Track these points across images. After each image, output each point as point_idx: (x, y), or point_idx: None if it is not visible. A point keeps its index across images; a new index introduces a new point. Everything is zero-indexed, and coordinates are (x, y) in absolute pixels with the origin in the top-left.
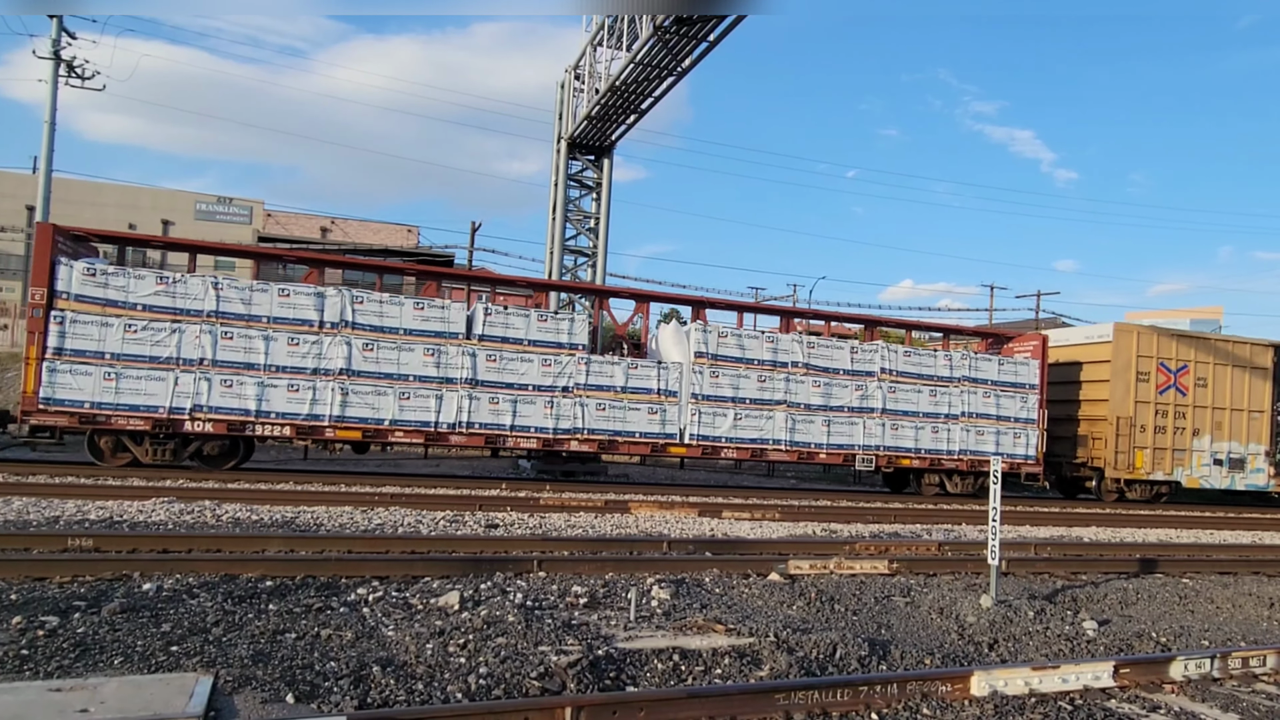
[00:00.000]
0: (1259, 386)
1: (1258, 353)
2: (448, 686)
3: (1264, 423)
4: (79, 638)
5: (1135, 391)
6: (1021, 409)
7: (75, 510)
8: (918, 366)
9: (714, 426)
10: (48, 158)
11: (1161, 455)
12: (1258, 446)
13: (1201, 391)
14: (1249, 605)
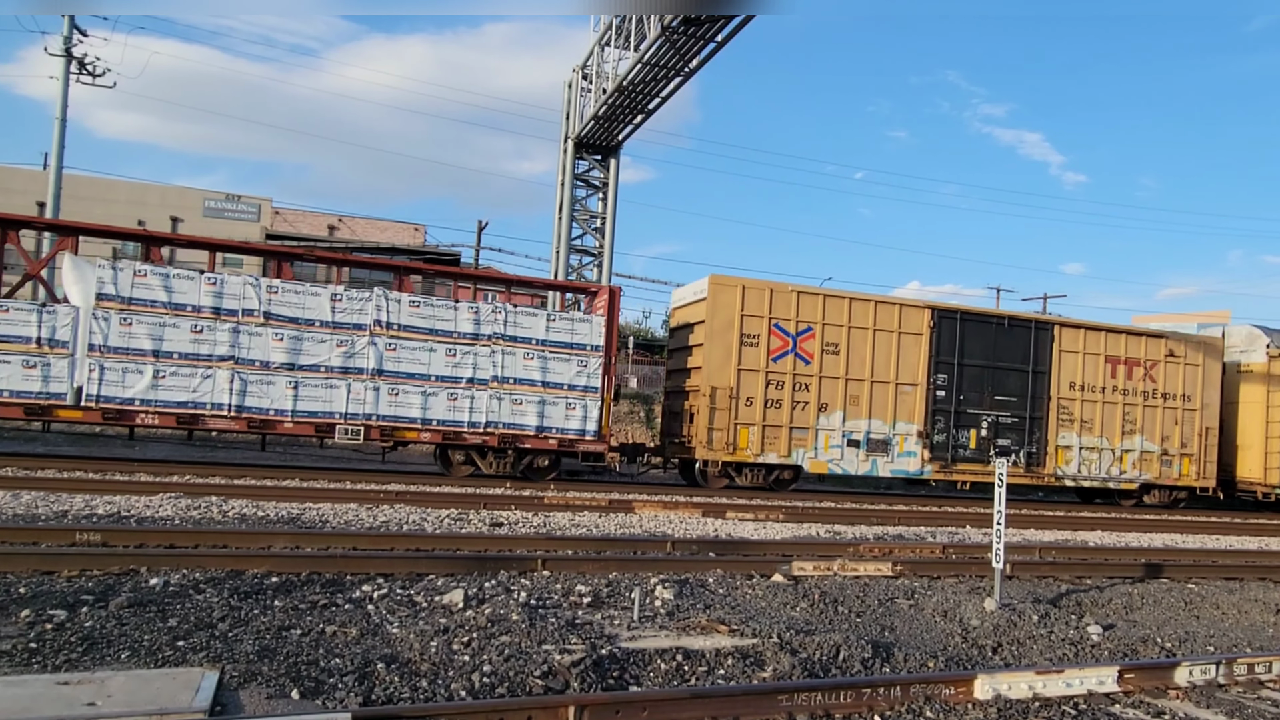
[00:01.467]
0: (912, 355)
1: (910, 315)
2: (452, 684)
3: (917, 398)
4: (86, 632)
5: (739, 357)
6: (579, 374)
7: (83, 505)
8: (431, 320)
9: (124, 386)
10: (58, 154)
11: (775, 434)
12: (909, 425)
13: (833, 359)
14: (1255, 611)
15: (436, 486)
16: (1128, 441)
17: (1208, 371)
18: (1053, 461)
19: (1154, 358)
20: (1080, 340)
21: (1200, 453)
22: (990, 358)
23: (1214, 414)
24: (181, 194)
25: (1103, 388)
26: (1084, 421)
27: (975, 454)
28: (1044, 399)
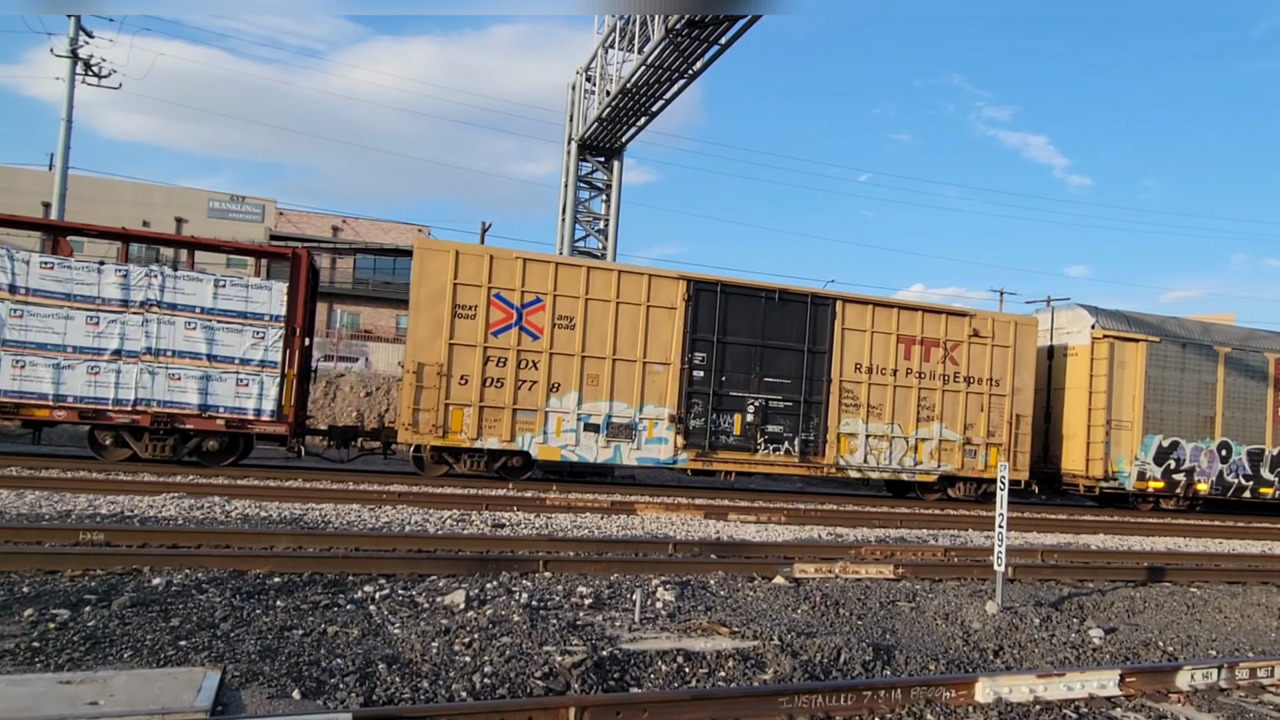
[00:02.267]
0: (664, 331)
1: (662, 287)
2: (453, 685)
3: (670, 379)
4: (89, 631)
5: (451, 331)
6: (254, 347)
7: (87, 504)
8: (68, 284)
9: None
10: (64, 155)
11: (496, 417)
12: (659, 409)
13: (567, 335)
14: (1257, 615)
15: (439, 488)
16: (924, 429)
17: (1020, 354)
18: (834, 450)
19: (956, 338)
20: (868, 317)
21: (1010, 442)
22: (760, 335)
23: (1027, 400)
24: (186, 195)
25: (895, 370)
26: (872, 407)
27: (740, 441)
28: (824, 381)
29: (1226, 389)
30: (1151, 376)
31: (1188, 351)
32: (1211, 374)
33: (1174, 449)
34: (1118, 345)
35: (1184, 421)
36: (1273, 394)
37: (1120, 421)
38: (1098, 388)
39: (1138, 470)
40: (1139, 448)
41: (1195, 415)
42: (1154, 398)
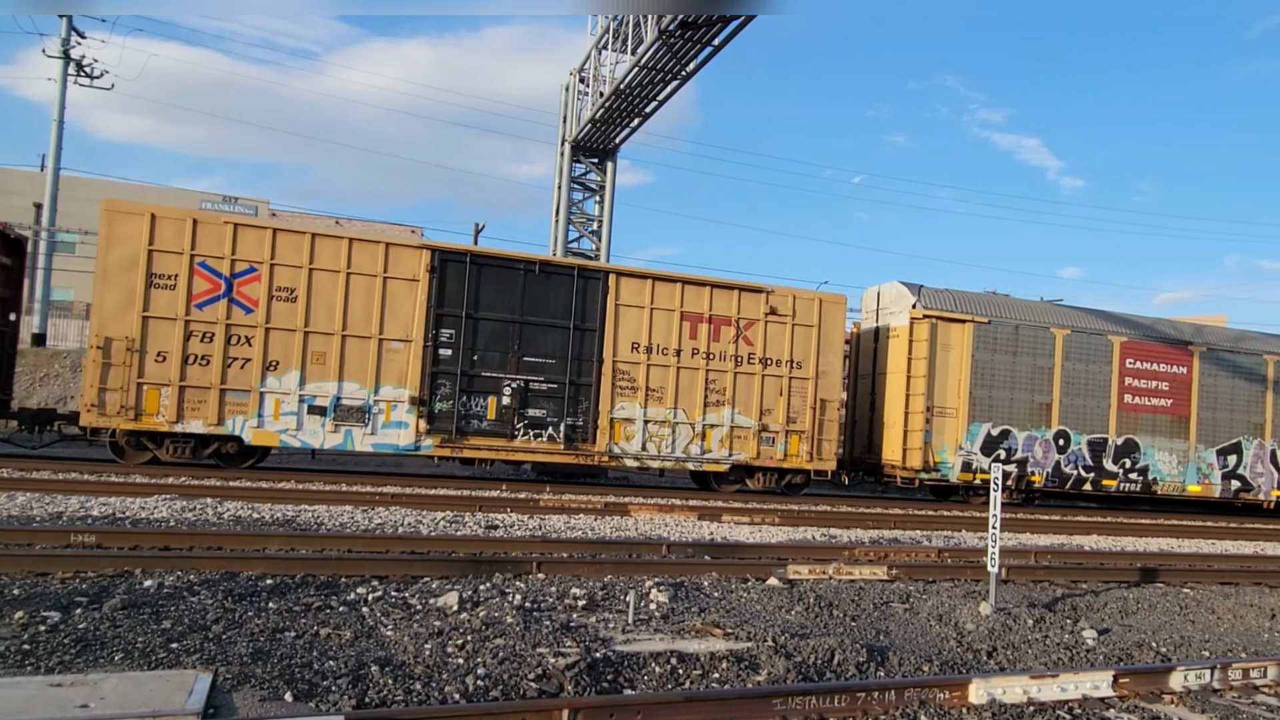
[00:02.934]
0: (404, 306)
1: (401, 257)
2: (445, 687)
3: (411, 357)
4: (80, 633)
5: (146, 302)
6: None
7: (78, 506)
8: None
9: None
10: (56, 156)
11: (201, 398)
12: (398, 390)
13: (287, 308)
14: (1250, 616)
15: (432, 489)
16: (713, 415)
17: (826, 333)
18: (606, 437)
19: (751, 316)
20: (647, 293)
21: (814, 430)
22: (519, 311)
23: (834, 384)
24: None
25: (679, 350)
26: (652, 390)
27: (495, 426)
28: (595, 362)
29: (1065, 374)
30: (980, 360)
31: (1021, 333)
32: (1048, 358)
33: (1004, 438)
34: (940, 325)
35: (1017, 408)
36: (1117, 380)
37: (944, 408)
38: (917, 371)
39: (962, 461)
40: (964, 436)
41: (1030, 402)
42: (982, 383)
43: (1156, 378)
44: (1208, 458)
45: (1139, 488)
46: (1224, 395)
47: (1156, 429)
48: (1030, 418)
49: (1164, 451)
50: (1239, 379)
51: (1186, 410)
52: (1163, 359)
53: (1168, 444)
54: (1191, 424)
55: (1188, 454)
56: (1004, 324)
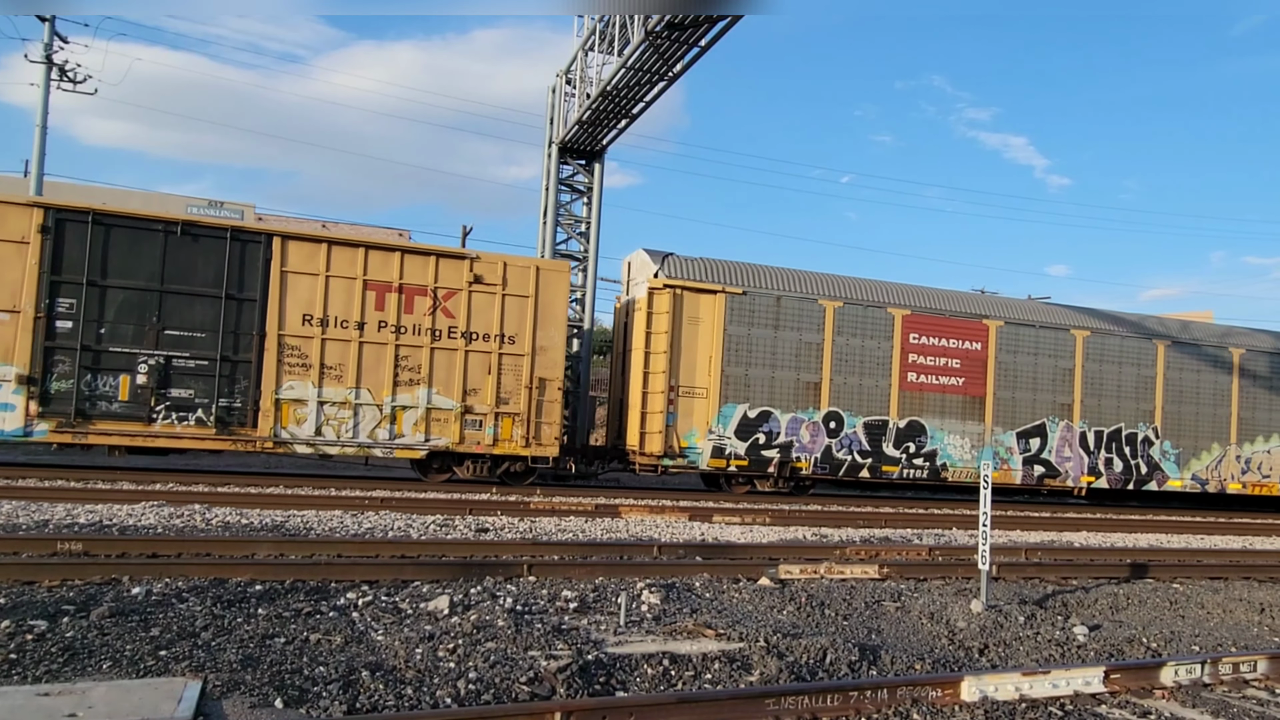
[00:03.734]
0: (11, 271)
1: (5, 217)
2: (437, 691)
3: (19, 331)
4: (67, 642)
5: None
6: None
7: (65, 514)
8: None
9: None
10: (39, 161)
11: None
12: (4, 367)
13: None
14: (1239, 610)
15: (422, 493)
16: (405, 395)
17: (546, 305)
18: (271, 420)
19: (452, 285)
20: (321, 258)
21: (530, 412)
22: (158, 279)
23: (555, 361)
24: (164, 201)
25: (362, 323)
26: (329, 368)
27: (129, 409)
28: (256, 336)
29: (838, 350)
30: (734, 334)
31: (784, 305)
32: (817, 333)
33: (764, 420)
34: (687, 296)
35: (780, 388)
36: (900, 357)
37: (692, 388)
38: (657, 347)
39: (713, 445)
40: (715, 419)
41: (795, 381)
42: (738, 360)
43: (946, 354)
44: (1006, 441)
45: (926, 474)
46: (1026, 373)
47: (947, 410)
48: (796, 398)
49: (955, 435)
50: (1043, 356)
51: (982, 390)
52: (954, 334)
53: (960, 426)
54: (988, 405)
55: (983, 437)
56: (763, 295)
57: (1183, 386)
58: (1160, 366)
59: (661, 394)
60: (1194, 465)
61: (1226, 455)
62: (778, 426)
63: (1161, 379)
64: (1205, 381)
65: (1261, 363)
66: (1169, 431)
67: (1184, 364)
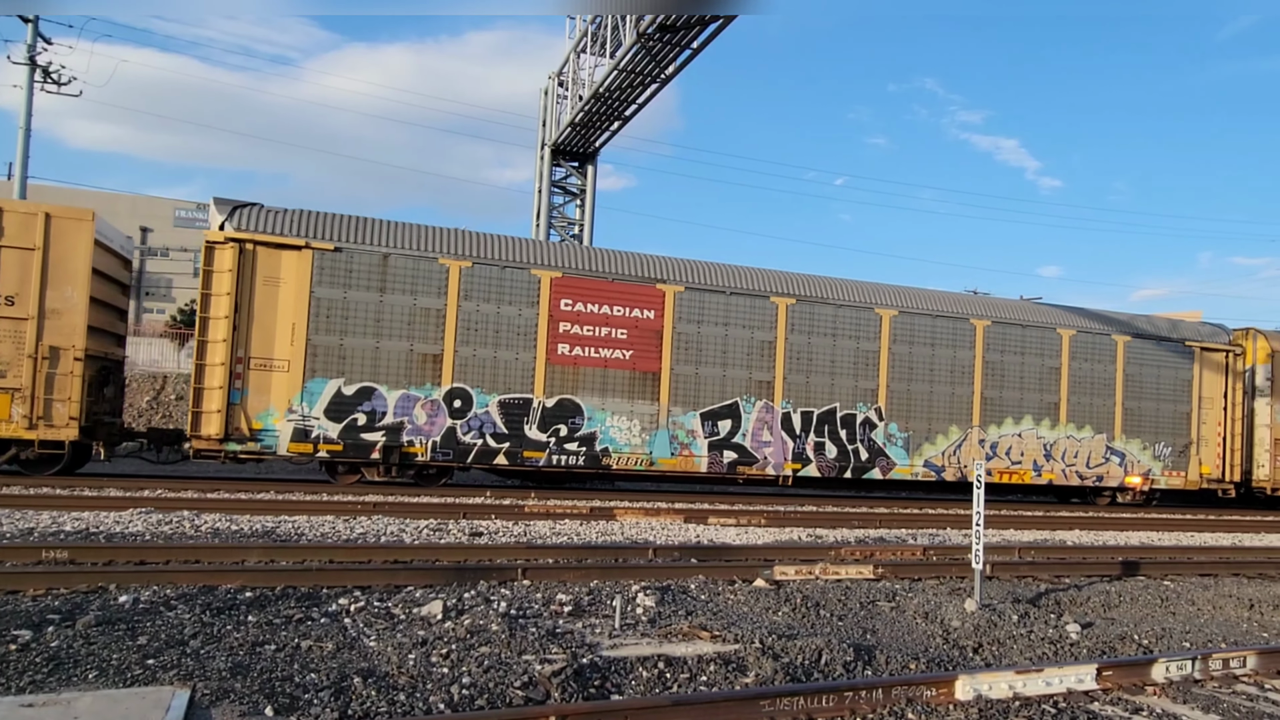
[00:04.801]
0: None
1: None
2: (430, 697)
3: None
4: (53, 652)
5: None
6: None
7: (50, 521)
8: None
9: None
10: (23, 164)
11: None
12: None
13: None
14: (1229, 606)
15: (415, 497)
16: None
17: (60, 261)
18: None
19: None
20: None
21: (36, 386)
22: None
23: (73, 327)
24: (151, 204)
25: None
26: None
27: None
28: None
29: (463, 317)
30: (325, 298)
31: (394, 265)
32: (438, 298)
33: (365, 398)
34: (261, 253)
35: (387, 362)
36: (547, 325)
37: (269, 360)
38: (216, 311)
39: (295, 427)
40: (299, 396)
41: (407, 352)
42: (330, 327)
43: (610, 323)
44: (687, 423)
45: (583, 460)
46: (713, 346)
47: (610, 388)
48: (410, 373)
49: (620, 416)
50: (735, 326)
51: (656, 364)
52: (620, 300)
53: (627, 406)
54: (663, 381)
55: (657, 419)
56: (365, 252)
57: (913, 362)
58: (885, 339)
59: (221, 366)
60: (927, 450)
61: (968, 439)
62: (384, 405)
63: (886, 353)
64: (941, 357)
65: (1013, 336)
66: (896, 413)
67: (914, 337)
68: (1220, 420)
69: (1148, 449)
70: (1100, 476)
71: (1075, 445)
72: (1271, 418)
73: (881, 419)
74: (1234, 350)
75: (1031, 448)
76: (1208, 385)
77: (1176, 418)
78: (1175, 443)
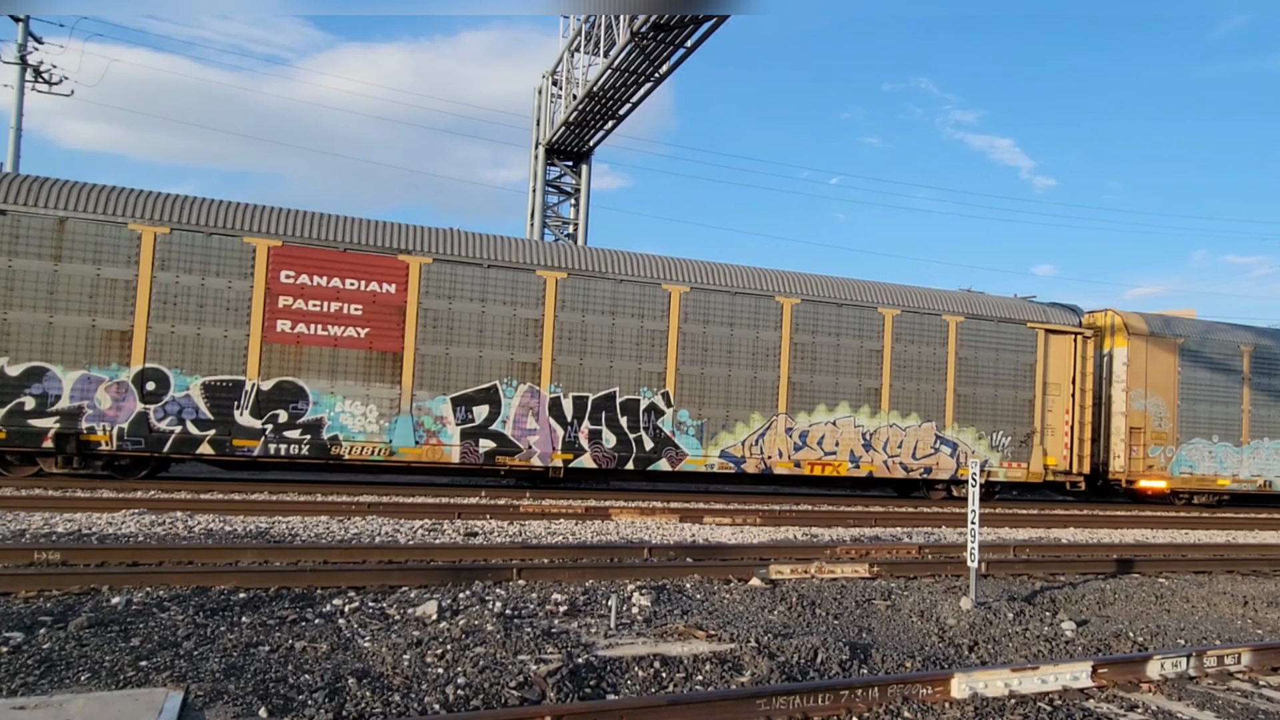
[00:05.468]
0: None
1: None
2: (425, 697)
3: None
4: (45, 654)
5: None
6: None
7: (42, 523)
8: None
9: None
10: (14, 163)
11: None
12: None
13: None
14: (1223, 604)
15: (410, 497)
16: None
17: None
18: None
19: None
20: None
21: None
22: None
23: None
24: None
25: None
26: None
27: None
28: None
29: (158, 290)
30: None
31: (70, 231)
32: (125, 268)
33: (34, 379)
34: None
35: (62, 338)
36: (263, 299)
37: None
38: None
39: None
40: None
41: (89, 330)
42: None
43: (342, 298)
44: (435, 409)
45: (307, 449)
46: (467, 324)
47: (341, 369)
48: (91, 351)
49: (354, 400)
50: (494, 303)
51: (399, 344)
52: (354, 272)
53: (362, 390)
54: (407, 363)
55: (399, 404)
56: (35, 216)
57: (708, 342)
58: (674, 318)
59: None
60: (724, 440)
61: (773, 427)
62: (58, 387)
63: (676, 333)
64: (742, 338)
65: (826, 315)
66: (687, 398)
67: (709, 315)
68: (1069, 408)
69: (984, 439)
70: (929, 468)
71: (899, 434)
72: (1128, 405)
73: (670, 405)
74: (1083, 333)
75: (848, 437)
76: (1054, 370)
77: (1017, 405)
78: (1016, 432)
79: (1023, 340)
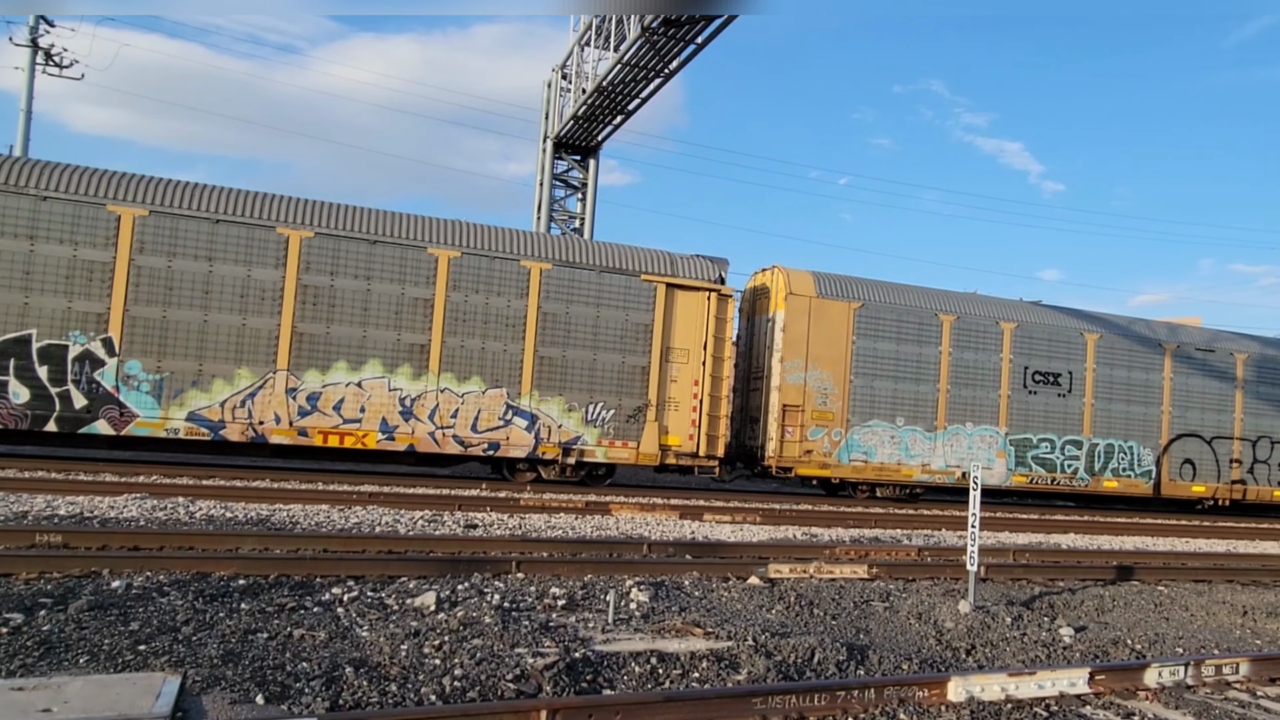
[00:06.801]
0: None
1: None
2: (422, 688)
3: None
4: (44, 636)
5: None
6: None
7: (45, 505)
8: None
9: None
10: (24, 146)
11: None
12: None
13: None
14: (1222, 613)
15: (411, 488)
16: None
17: None
18: None
19: None
20: None
21: None
22: None
23: None
24: None
25: None
26: None
27: None
28: None
29: None
30: None
31: None
32: None
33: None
34: None
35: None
36: None
37: None
38: None
39: None
40: None
41: None
42: None
43: None
44: None
45: None
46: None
47: None
48: None
49: None
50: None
51: None
52: None
53: None
54: None
55: None
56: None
57: (172, 280)
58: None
59: None
60: (195, 399)
61: (269, 385)
62: None
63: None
64: (229, 275)
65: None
66: (141, 347)
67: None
68: (698, 379)
69: (575, 411)
70: (495, 443)
71: (454, 402)
72: (782, 379)
73: (114, 354)
74: (719, 290)
75: (379, 402)
76: (680, 333)
77: (626, 372)
78: (623, 405)
79: (635, 295)
